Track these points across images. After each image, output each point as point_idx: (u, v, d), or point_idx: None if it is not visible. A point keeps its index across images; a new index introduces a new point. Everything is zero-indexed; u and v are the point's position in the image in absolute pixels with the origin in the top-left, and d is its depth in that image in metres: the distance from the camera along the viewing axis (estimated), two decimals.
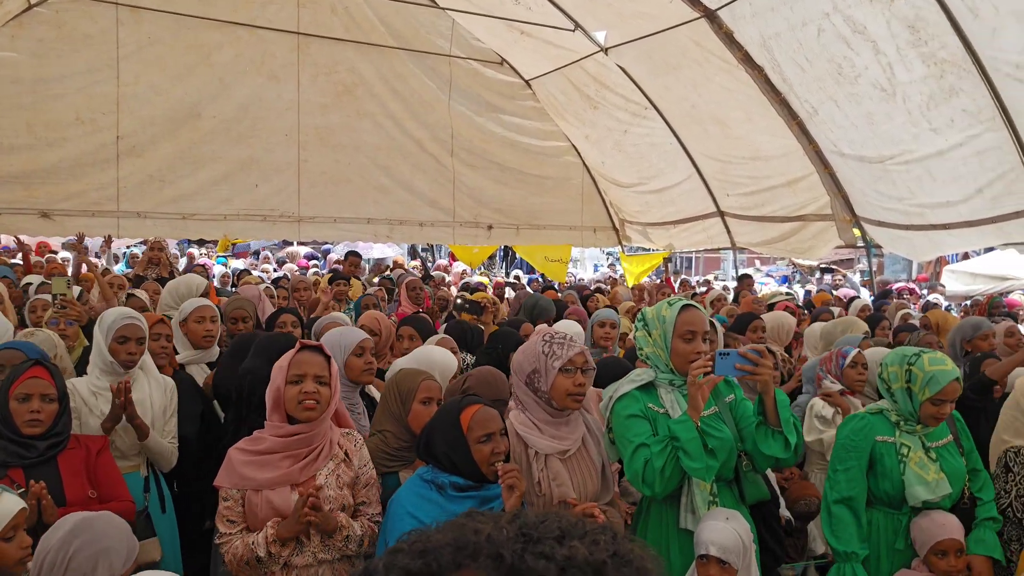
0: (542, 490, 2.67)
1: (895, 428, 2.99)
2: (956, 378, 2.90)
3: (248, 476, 2.57)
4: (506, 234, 11.44)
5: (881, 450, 2.95)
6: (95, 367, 3.43)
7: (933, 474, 2.89)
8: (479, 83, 10.65)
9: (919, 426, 2.97)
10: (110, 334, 3.39)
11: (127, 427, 3.30)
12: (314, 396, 2.58)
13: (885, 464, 2.93)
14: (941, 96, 6.33)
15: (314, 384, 2.60)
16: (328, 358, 2.69)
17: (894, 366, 3.02)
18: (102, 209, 8.54)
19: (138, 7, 8.47)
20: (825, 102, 7.32)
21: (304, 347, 2.70)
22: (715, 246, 10.90)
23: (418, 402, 3.00)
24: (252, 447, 2.62)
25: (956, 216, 7.04)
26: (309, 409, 2.57)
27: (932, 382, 2.87)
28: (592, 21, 8.81)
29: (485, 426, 2.47)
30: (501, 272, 17.93)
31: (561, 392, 2.68)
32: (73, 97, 8.30)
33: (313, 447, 2.63)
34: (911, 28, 6.07)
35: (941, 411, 2.90)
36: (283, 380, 2.61)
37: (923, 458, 2.92)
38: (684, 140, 9.65)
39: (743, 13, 7.19)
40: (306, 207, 9.79)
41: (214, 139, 9.16)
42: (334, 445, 2.69)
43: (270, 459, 2.59)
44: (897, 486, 2.90)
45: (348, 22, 9.62)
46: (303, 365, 2.62)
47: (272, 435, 2.61)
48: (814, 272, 19.51)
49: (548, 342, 2.77)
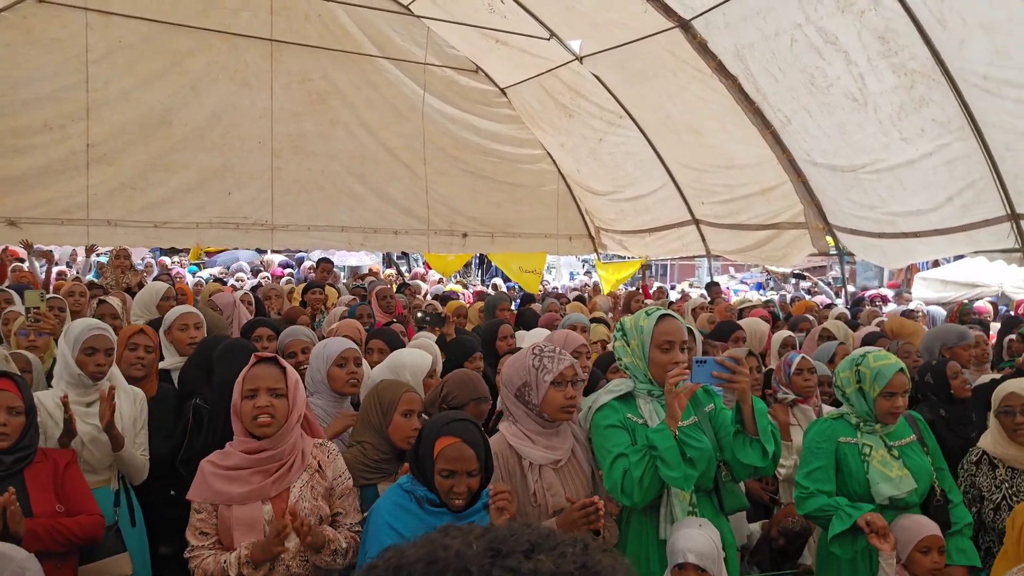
0: (537, 500, 2.67)
1: (856, 430, 3.07)
2: (901, 369, 3.02)
3: (219, 490, 2.52)
4: (481, 242, 11.42)
5: (845, 451, 3.03)
6: (61, 380, 3.34)
7: (896, 471, 2.95)
8: (454, 91, 10.64)
9: (878, 425, 3.05)
10: (77, 346, 3.30)
11: (97, 440, 3.22)
12: (267, 410, 2.52)
13: (850, 464, 3.00)
14: (911, 106, 6.42)
15: (268, 398, 2.54)
16: (284, 369, 2.63)
17: (845, 371, 3.15)
18: (71, 217, 8.39)
19: (108, 12, 8.35)
20: (798, 112, 7.39)
21: (260, 360, 2.64)
22: (690, 254, 10.98)
23: (399, 414, 2.96)
24: (222, 461, 2.57)
25: (927, 224, 7.13)
26: (263, 425, 2.52)
27: (879, 376, 3.00)
28: (567, 30, 8.84)
29: (450, 463, 2.41)
30: (477, 280, 17.91)
31: (554, 406, 2.71)
32: (41, 103, 8.15)
33: (283, 461, 2.58)
34: (881, 39, 6.15)
35: (894, 404, 2.99)
36: (239, 395, 2.56)
37: (885, 456, 3.00)
38: (659, 149, 9.71)
39: (717, 23, 7.25)
40: (280, 215, 9.71)
41: (186, 146, 9.05)
42: (307, 456, 2.65)
43: (241, 474, 2.54)
44: (863, 485, 2.96)
45: (322, 29, 9.58)
46: (256, 379, 2.56)
47: (239, 450, 2.57)
48: (787, 279, 19.72)
49: (538, 356, 2.78)
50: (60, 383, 3.34)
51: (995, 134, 6.11)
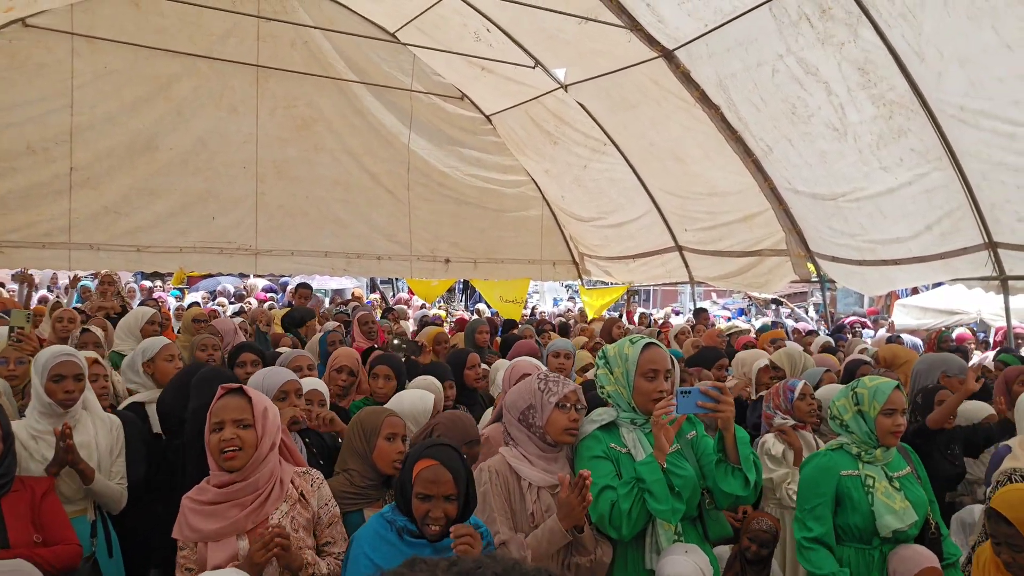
0: (535, 521, 2.69)
1: (857, 460, 3.05)
2: (897, 386, 3.05)
3: (196, 527, 2.48)
4: (464, 268, 11.42)
5: (847, 484, 3.00)
6: (33, 410, 3.29)
7: (899, 502, 2.96)
8: (439, 118, 10.70)
9: (879, 450, 3.04)
10: (45, 373, 3.26)
11: (71, 471, 3.17)
12: (232, 443, 2.48)
13: (853, 498, 2.97)
14: (890, 136, 6.53)
15: (233, 430, 2.49)
16: (250, 399, 2.57)
17: (840, 400, 3.17)
18: (53, 241, 8.32)
19: (94, 37, 8.36)
20: (780, 140, 7.50)
21: (226, 391, 2.59)
22: (674, 280, 11.04)
23: (382, 438, 2.95)
24: (199, 496, 2.54)
25: (906, 252, 7.23)
26: (229, 459, 2.47)
27: (878, 394, 3.03)
28: (552, 59, 8.94)
29: (426, 486, 2.38)
30: (461, 306, 17.90)
31: (558, 427, 2.78)
32: (25, 127, 8.11)
33: (259, 492, 2.53)
34: (861, 71, 6.27)
35: (895, 422, 3.01)
36: (208, 429, 2.53)
37: (888, 488, 2.99)
38: (643, 176, 9.80)
39: (700, 53, 7.36)
40: (264, 240, 9.68)
41: (171, 171, 9.03)
42: (286, 485, 2.59)
43: (216, 509, 2.50)
44: (867, 518, 2.94)
45: (308, 56, 9.62)
46: (221, 411, 2.52)
47: (214, 484, 2.53)
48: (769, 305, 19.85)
49: (544, 380, 2.88)
50: (33, 412, 3.29)
51: (972, 164, 6.22)
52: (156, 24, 8.68)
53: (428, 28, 9.42)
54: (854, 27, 6.02)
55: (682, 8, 6.94)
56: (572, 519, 2.53)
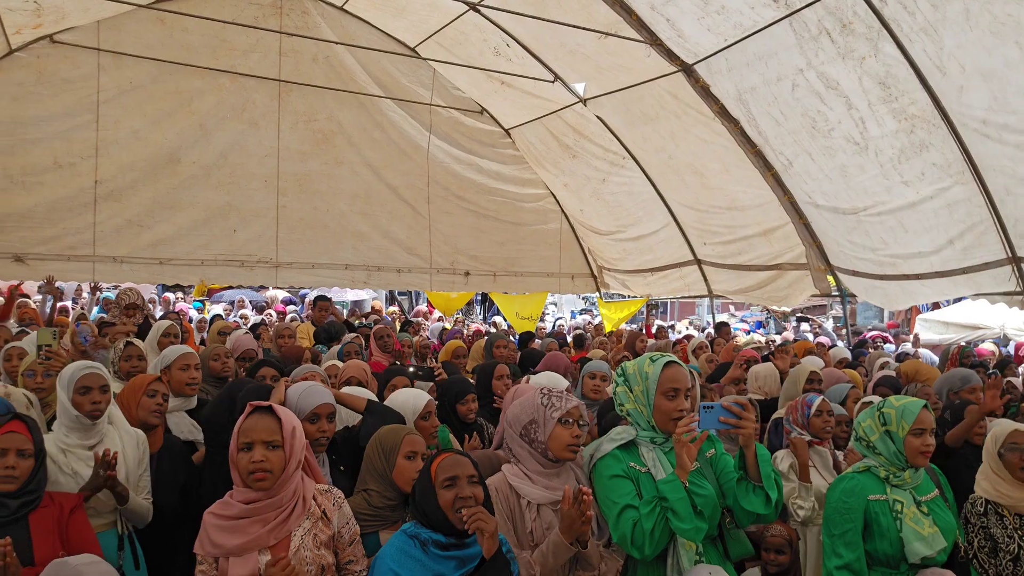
0: (534, 540, 2.66)
1: (885, 484, 2.99)
2: (925, 406, 3.00)
3: (219, 543, 2.46)
4: (483, 281, 11.46)
5: (876, 509, 2.94)
6: (62, 424, 3.32)
7: (928, 528, 2.90)
8: (459, 131, 10.77)
9: (907, 472, 2.99)
10: (71, 386, 3.29)
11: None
12: (262, 465, 2.46)
13: (881, 523, 2.92)
14: (912, 150, 6.50)
15: (263, 451, 2.47)
16: (280, 419, 2.55)
17: (867, 420, 3.10)
18: (78, 253, 8.45)
19: (120, 53, 8.49)
20: (800, 155, 7.48)
21: (255, 409, 2.57)
22: (692, 294, 11.00)
23: (402, 457, 2.95)
24: (223, 511, 2.52)
25: (928, 267, 7.17)
26: (259, 480, 2.46)
27: (906, 413, 2.98)
28: (571, 73, 8.98)
29: (449, 470, 2.43)
30: (479, 319, 17.93)
31: (560, 443, 2.77)
32: (52, 141, 8.26)
33: (282, 508, 2.52)
34: (882, 84, 6.25)
35: (924, 443, 2.95)
36: (235, 447, 2.50)
37: (917, 513, 2.93)
38: (661, 189, 9.79)
39: (719, 68, 7.36)
40: (284, 253, 9.77)
41: (193, 184, 9.15)
42: (308, 502, 2.58)
43: (239, 524, 2.48)
44: (895, 544, 2.89)
45: (328, 71, 9.73)
46: (251, 432, 2.50)
47: (238, 500, 2.51)
48: (787, 318, 19.73)
49: (547, 395, 2.86)
50: (61, 428, 3.32)
51: (995, 178, 6.17)
52: (180, 40, 8.81)
53: (448, 43, 9.49)
54: (875, 41, 6.00)
55: (702, 23, 6.95)
56: (573, 532, 2.52)
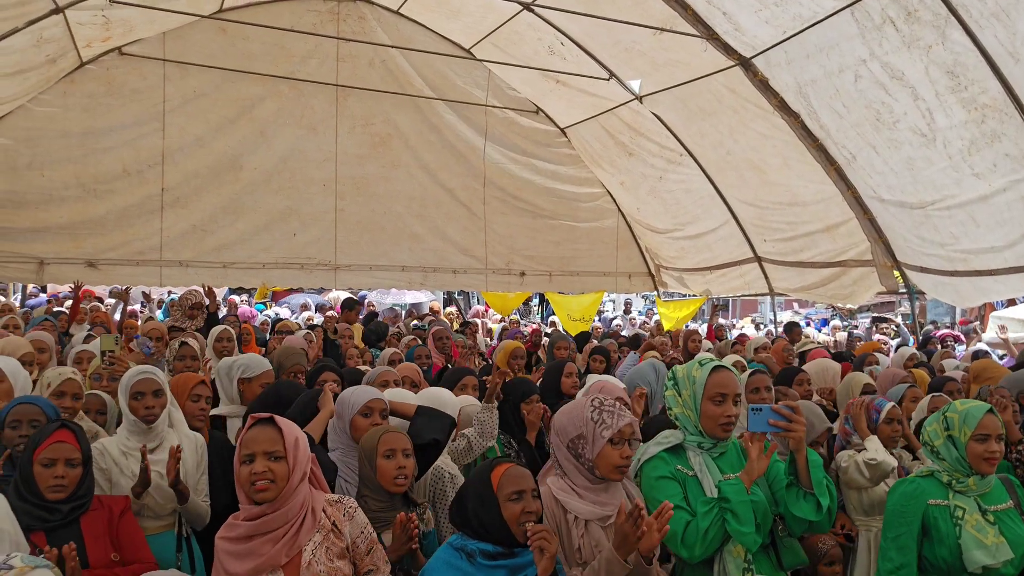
0: (582, 557, 2.58)
1: (948, 489, 2.90)
2: (990, 410, 2.90)
3: (232, 571, 2.40)
4: (539, 281, 11.45)
5: (935, 514, 2.86)
6: (124, 428, 3.42)
7: (992, 537, 2.78)
8: (515, 131, 10.78)
9: (972, 479, 2.88)
10: (127, 392, 3.38)
11: (159, 487, 3.26)
12: (264, 476, 2.39)
13: (940, 529, 2.83)
14: (983, 141, 6.25)
15: (264, 463, 2.41)
16: (281, 430, 2.48)
17: (932, 425, 3.01)
18: (146, 258, 8.76)
19: (184, 63, 8.75)
20: (863, 148, 7.26)
21: (256, 421, 2.51)
22: (753, 292, 10.79)
23: (381, 457, 2.94)
24: (230, 533, 2.46)
25: (1001, 262, 6.88)
26: (261, 491, 2.39)
27: (968, 418, 2.88)
28: (626, 70, 8.90)
29: (516, 483, 2.38)
30: (537, 318, 17.92)
31: (608, 464, 2.61)
32: (121, 150, 8.58)
33: (290, 523, 2.43)
34: (950, 74, 6.02)
35: (988, 449, 2.84)
36: (237, 461, 2.44)
37: (980, 521, 2.82)
38: (720, 186, 9.63)
39: (778, 61, 7.21)
40: (342, 255, 9.95)
41: (254, 190, 9.39)
42: (318, 513, 2.50)
43: (249, 546, 2.40)
44: (954, 551, 2.79)
45: (385, 74, 9.84)
46: (251, 443, 2.43)
47: (244, 518, 2.45)
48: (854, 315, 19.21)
49: (597, 408, 2.68)
50: (123, 431, 3.42)
51: None
52: (241, 48, 9.03)
53: (503, 43, 9.50)
54: (942, 29, 5.79)
55: (759, 16, 6.81)
56: (628, 548, 2.37)
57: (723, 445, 2.78)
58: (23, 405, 3.29)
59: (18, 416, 3.22)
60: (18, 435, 3.17)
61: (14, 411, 3.25)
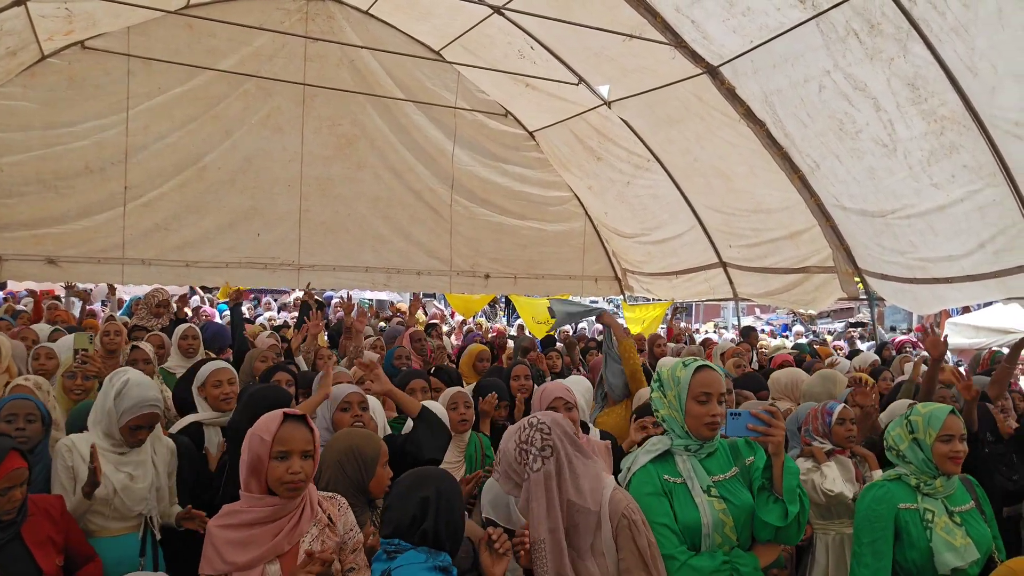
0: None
1: (916, 492, 2.96)
2: (952, 411, 2.97)
3: (230, 559, 2.41)
4: (503, 283, 11.47)
5: (906, 518, 2.91)
6: (100, 431, 3.32)
7: (960, 539, 2.85)
8: (483, 134, 10.78)
9: (939, 480, 2.95)
10: (124, 415, 3.28)
11: (128, 488, 3.24)
12: (300, 476, 2.46)
13: (911, 532, 2.88)
14: (942, 152, 6.40)
15: (300, 461, 2.47)
16: (312, 430, 2.55)
17: (895, 429, 3.08)
18: (108, 256, 8.59)
19: (149, 59, 8.60)
20: (827, 157, 7.40)
21: (288, 417, 2.54)
22: (717, 297, 10.92)
23: (380, 466, 2.99)
24: (231, 521, 2.47)
25: (959, 270, 7.06)
26: (296, 487, 2.45)
27: (932, 419, 2.95)
28: (595, 75, 8.95)
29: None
30: (503, 321, 17.92)
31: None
32: (83, 146, 8.40)
33: (291, 514, 2.49)
34: (911, 86, 6.16)
35: (953, 449, 2.92)
36: (267, 454, 2.46)
37: (948, 523, 2.89)
38: (686, 192, 9.73)
39: (745, 70, 7.31)
40: (306, 255, 9.89)
41: (218, 188, 9.27)
42: (315, 507, 2.55)
43: (252, 535, 2.44)
44: (925, 554, 2.85)
45: (354, 75, 9.78)
46: (289, 441, 2.48)
47: (250, 507, 2.47)
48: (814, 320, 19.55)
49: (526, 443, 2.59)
50: (96, 429, 3.32)
51: None
52: (207, 45, 8.90)
53: (473, 46, 9.51)
54: (904, 42, 5.92)
55: (727, 25, 6.90)
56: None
57: (710, 445, 2.77)
58: (17, 401, 3.36)
59: (14, 410, 3.29)
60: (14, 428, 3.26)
61: (9, 406, 3.32)
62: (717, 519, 2.61)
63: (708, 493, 2.66)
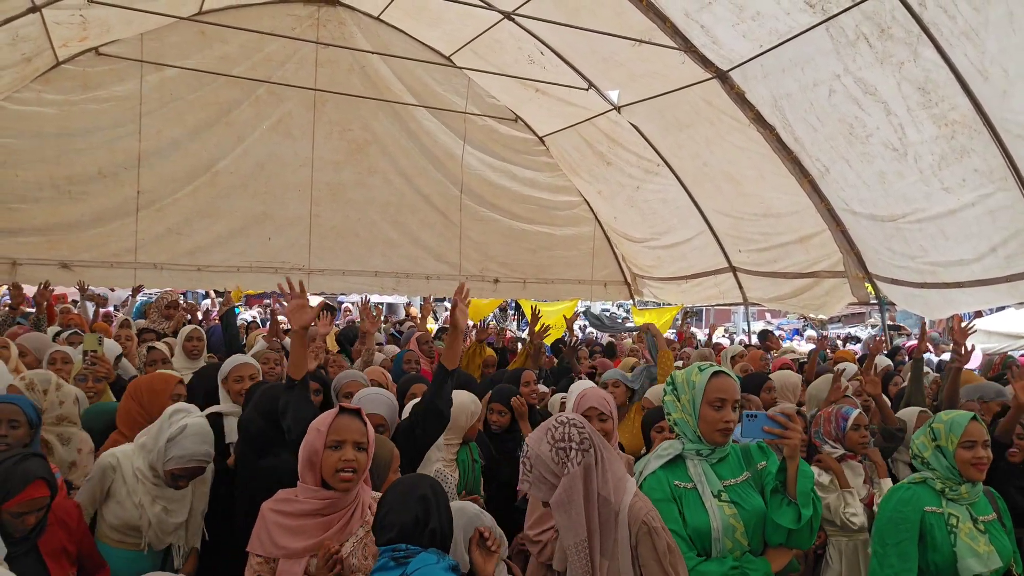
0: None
1: (940, 497, 2.95)
2: (974, 418, 2.96)
3: (281, 544, 2.47)
4: (512, 288, 11.50)
5: (931, 521, 2.90)
6: (145, 458, 3.20)
7: (984, 546, 2.84)
8: (493, 139, 10.82)
9: (964, 486, 2.94)
10: (171, 462, 3.16)
11: (162, 521, 3.19)
12: (353, 464, 2.50)
13: (935, 536, 2.87)
14: (952, 156, 6.39)
15: (353, 451, 2.51)
16: (365, 424, 2.60)
17: (920, 438, 3.07)
18: (120, 260, 8.69)
19: (162, 64, 8.68)
20: (837, 161, 7.39)
21: (343, 410, 2.60)
22: (727, 301, 10.90)
23: (393, 472, 3.03)
24: (286, 508, 2.52)
25: (970, 275, 7.03)
26: (346, 479, 2.49)
27: (954, 426, 2.94)
28: (605, 81, 8.97)
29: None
30: (512, 325, 17.94)
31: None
32: (96, 152, 8.50)
33: (345, 511, 2.54)
34: (921, 90, 6.15)
35: (976, 455, 2.91)
36: (322, 444, 2.51)
37: (973, 530, 2.88)
38: (696, 197, 9.73)
39: (754, 74, 7.32)
40: (316, 260, 9.96)
41: (230, 193, 9.35)
42: (365, 509, 2.58)
43: (304, 525, 2.49)
44: (948, 559, 2.83)
45: (364, 80, 9.84)
46: (343, 431, 2.53)
47: (309, 497, 2.52)
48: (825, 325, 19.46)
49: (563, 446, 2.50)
50: (142, 453, 3.21)
51: None
52: (220, 51, 8.98)
53: (483, 51, 9.55)
54: (914, 46, 5.92)
55: (736, 29, 6.91)
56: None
57: (722, 451, 2.75)
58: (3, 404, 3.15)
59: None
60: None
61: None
62: (727, 524, 2.59)
63: (719, 498, 2.64)
